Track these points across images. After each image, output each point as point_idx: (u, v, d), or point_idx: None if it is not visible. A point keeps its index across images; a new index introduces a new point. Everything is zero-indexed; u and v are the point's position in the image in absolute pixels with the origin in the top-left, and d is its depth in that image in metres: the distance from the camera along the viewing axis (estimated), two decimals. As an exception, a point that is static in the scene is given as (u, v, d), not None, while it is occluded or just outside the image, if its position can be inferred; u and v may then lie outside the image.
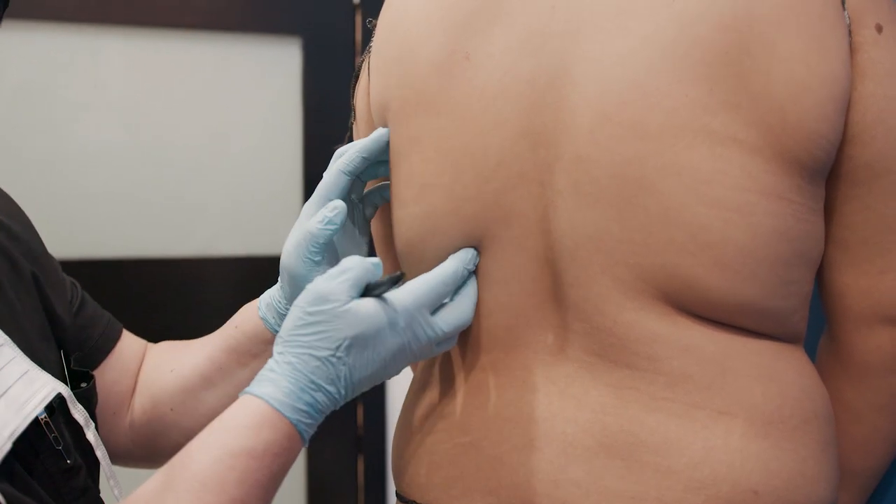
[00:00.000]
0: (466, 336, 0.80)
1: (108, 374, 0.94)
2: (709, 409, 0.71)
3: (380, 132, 0.82)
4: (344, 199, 0.82)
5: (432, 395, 0.84)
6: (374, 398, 2.01)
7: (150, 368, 0.97)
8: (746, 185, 0.69)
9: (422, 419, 0.84)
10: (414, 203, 0.79)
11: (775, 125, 0.69)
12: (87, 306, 0.95)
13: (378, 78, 0.84)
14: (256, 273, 1.87)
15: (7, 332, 0.78)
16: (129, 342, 0.98)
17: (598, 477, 0.72)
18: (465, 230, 0.77)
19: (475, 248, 0.77)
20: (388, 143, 0.82)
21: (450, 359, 0.83)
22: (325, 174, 0.84)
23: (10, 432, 0.71)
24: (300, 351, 0.69)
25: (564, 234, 0.73)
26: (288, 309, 0.84)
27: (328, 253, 0.81)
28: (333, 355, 0.70)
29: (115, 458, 0.96)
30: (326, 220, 0.79)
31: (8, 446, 0.70)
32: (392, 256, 0.91)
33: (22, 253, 0.87)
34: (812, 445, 0.73)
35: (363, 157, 0.82)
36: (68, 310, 0.91)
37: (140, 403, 0.96)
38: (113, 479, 0.84)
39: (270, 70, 1.91)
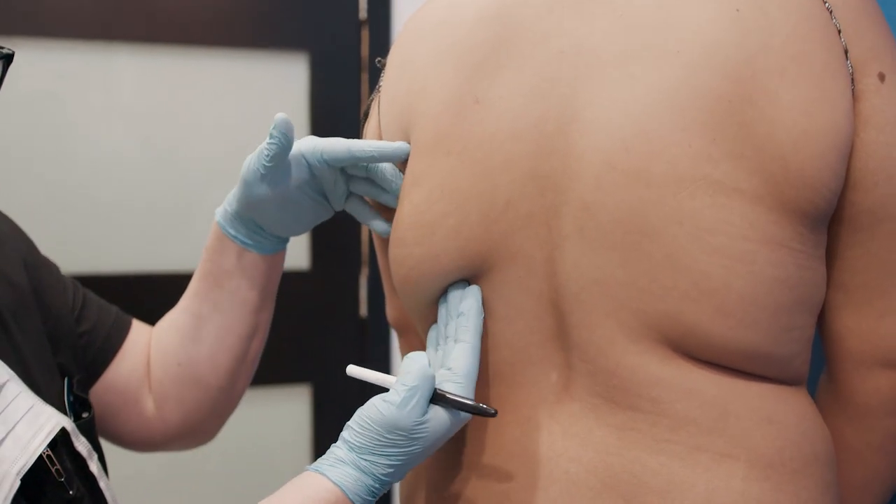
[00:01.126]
0: None
1: (123, 367, 0.97)
2: (711, 452, 0.72)
3: (398, 145, 0.82)
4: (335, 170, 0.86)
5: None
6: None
7: (154, 338, 1.00)
8: (748, 234, 0.69)
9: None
10: (416, 243, 0.79)
11: (777, 174, 0.70)
12: (89, 306, 0.97)
13: (389, 118, 0.85)
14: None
15: (10, 366, 0.79)
16: (138, 332, 1.00)
17: (601, 517, 0.73)
18: (470, 270, 0.78)
19: (475, 284, 0.79)
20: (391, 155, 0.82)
21: (456, 395, 0.84)
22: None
23: (17, 469, 0.72)
24: (376, 460, 0.73)
25: (570, 277, 0.74)
26: (238, 210, 0.90)
27: (276, 168, 0.84)
28: (407, 463, 0.73)
29: (157, 446, 1.00)
30: (270, 135, 0.83)
31: (17, 484, 0.72)
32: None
33: (19, 266, 0.88)
34: (812, 488, 0.74)
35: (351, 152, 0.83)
36: (70, 316, 0.93)
37: (155, 375, 0.98)
38: (117, 511, 0.86)
39: (278, 85, 1.92)
